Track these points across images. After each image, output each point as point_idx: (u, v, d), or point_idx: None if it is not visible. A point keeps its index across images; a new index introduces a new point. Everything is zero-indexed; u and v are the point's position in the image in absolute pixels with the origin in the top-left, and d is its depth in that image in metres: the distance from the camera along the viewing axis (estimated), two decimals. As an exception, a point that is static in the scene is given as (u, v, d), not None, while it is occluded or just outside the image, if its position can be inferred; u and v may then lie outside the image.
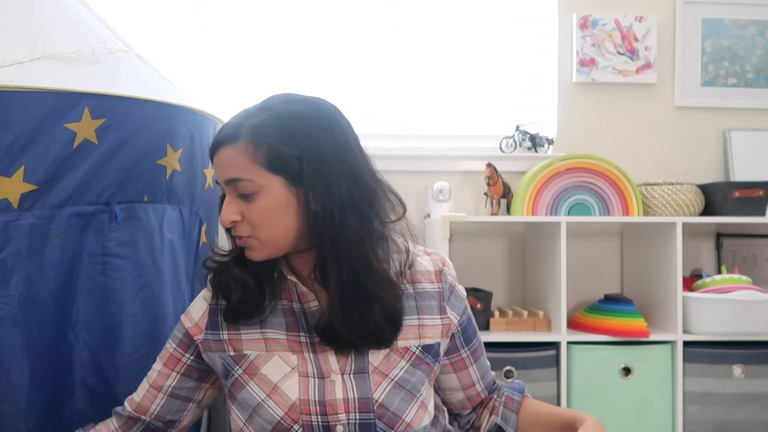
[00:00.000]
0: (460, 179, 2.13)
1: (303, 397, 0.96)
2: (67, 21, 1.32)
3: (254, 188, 0.94)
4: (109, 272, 1.19)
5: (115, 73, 1.28)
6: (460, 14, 2.19)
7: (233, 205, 0.96)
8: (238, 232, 0.97)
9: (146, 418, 1.09)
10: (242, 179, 0.94)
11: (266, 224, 0.95)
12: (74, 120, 1.14)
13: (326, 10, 2.15)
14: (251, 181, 0.93)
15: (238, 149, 0.94)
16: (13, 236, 1.11)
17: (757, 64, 2.22)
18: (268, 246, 0.97)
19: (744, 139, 2.20)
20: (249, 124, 0.94)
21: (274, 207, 0.94)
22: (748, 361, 1.80)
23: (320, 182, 0.93)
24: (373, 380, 0.96)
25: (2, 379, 1.11)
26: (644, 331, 1.81)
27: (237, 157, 0.94)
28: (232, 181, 0.95)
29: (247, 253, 0.98)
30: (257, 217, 0.95)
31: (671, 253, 1.83)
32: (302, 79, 2.10)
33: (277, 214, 0.95)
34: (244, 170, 0.94)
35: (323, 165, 0.93)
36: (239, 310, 1.02)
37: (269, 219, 0.95)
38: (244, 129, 0.94)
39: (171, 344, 1.10)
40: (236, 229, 0.97)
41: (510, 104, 2.21)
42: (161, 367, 1.10)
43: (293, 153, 0.93)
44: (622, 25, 2.16)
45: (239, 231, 0.97)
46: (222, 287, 1.04)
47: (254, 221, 0.95)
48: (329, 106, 0.99)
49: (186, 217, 1.38)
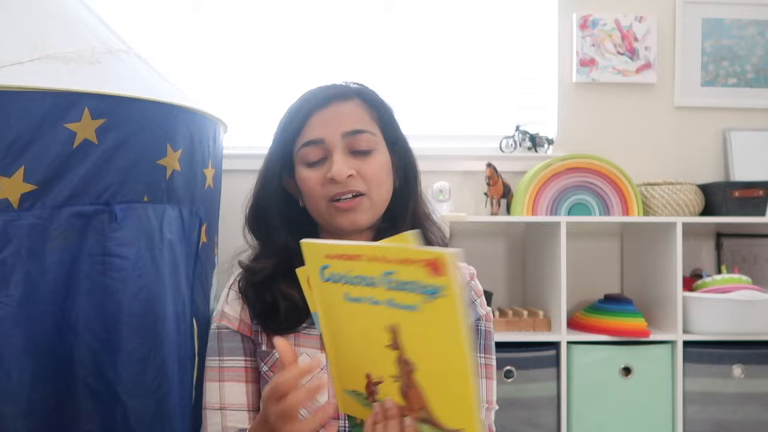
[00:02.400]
0: (460, 179, 2.13)
1: (332, 400, 0.91)
2: (67, 21, 1.32)
3: (374, 143, 0.95)
4: (109, 272, 1.19)
5: (115, 73, 1.28)
6: (460, 14, 2.19)
7: (348, 160, 0.94)
8: (354, 186, 0.93)
9: None
10: (366, 131, 0.95)
11: (380, 182, 0.96)
12: (74, 120, 1.14)
13: (326, 9, 2.15)
14: (374, 134, 0.96)
15: (356, 104, 0.96)
16: (13, 236, 1.11)
17: (757, 64, 2.22)
18: (375, 209, 0.97)
19: (744, 139, 2.20)
20: (355, 88, 0.98)
21: (385, 166, 0.97)
22: (748, 361, 1.80)
23: (403, 161, 1.00)
24: None
25: (2, 379, 1.11)
26: (644, 331, 1.81)
27: (357, 111, 0.96)
28: (354, 132, 0.94)
29: (353, 216, 0.94)
30: (374, 174, 0.94)
31: (671, 253, 1.83)
32: (302, 78, 2.10)
33: (387, 175, 0.97)
34: (366, 124, 0.96)
35: (405, 147, 1.01)
36: (283, 324, 0.96)
37: (383, 178, 0.96)
38: (352, 91, 0.97)
39: (237, 359, 0.99)
40: (350, 184, 0.93)
41: (510, 104, 2.21)
42: (244, 386, 0.99)
43: (395, 123, 0.99)
44: (622, 25, 2.16)
45: (355, 186, 0.93)
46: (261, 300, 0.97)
47: (371, 178, 0.94)
48: None
49: (186, 217, 1.38)
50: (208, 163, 1.46)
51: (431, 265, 0.65)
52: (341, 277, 0.74)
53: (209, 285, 1.52)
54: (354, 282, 0.73)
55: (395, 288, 0.69)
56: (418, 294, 0.67)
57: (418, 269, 0.66)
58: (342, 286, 0.75)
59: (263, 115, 2.06)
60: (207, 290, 1.50)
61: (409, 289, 0.68)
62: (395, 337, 0.72)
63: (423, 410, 0.73)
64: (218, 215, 1.61)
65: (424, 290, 0.66)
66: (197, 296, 1.44)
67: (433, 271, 0.65)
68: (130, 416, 1.21)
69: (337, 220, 0.96)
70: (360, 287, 0.73)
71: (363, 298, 0.73)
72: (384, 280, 0.70)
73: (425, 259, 0.65)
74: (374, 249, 0.71)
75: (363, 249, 0.72)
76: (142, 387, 1.23)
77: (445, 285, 0.64)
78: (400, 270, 0.68)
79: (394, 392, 0.74)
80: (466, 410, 0.69)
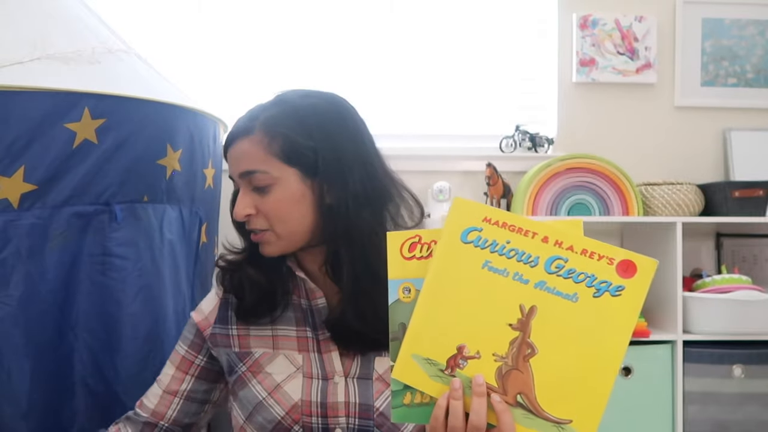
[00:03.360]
0: (460, 179, 2.13)
1: (305, 398, 0.95)
2: (67, 21, 1.32)
3: (269, 180, 0.93)
4: (109, 272, 1.19)
5: (115, 73, 1.28)
6: (460, 14, 2.19)
7: (247, 199, 0.95)
8: (254, 225, 0.96)
9: (164, 423, 1.07)
10: (257, 171, 0.93)
11: (282, 217, 0.94)
12: (74, 120, 1.14)
13: (326, 9, 2.15)
14: (266, 173, 0.93)
15: (253, 141, 0.94)
16: (13, 236, 1.11)
17: (757, 64, 2.22)
18: (284, 240, 0.96)
19: (744, 139, 2.20)
20: (264, 116, 0.95)
21: (289, 199, 0.94)
22: (748, 361, 1.80)
23: (335, 175, 0.93)
24: (376, 387, 0.95)
25: (2, 379, 1.11)
26: (644, 330, 1.81)
27: (251, 149, 0.94)
28: (246, 174, 0.94)
29: (262, 249, 0.97)
30: (273, 210, 0.94)
31: (671, 253, 1.83)
32: (302, 78, 2.10)
33: (292, 207, 0.94)
34: (259, 162, 0.93)
35: (338, 157, 0.94)
36: (252, 310, 1.01)
37: (285, 212, 0.94)
38: (258, 121, 0.94)
39: (182, 346, 1.09)
40: (251, 222, 0.96)
41: (510, 104, 2.20)
42: (174, 371, 1.08)
43: (308, 144, 0.93)
44: (622, 25, 2.16)
45: (255, 224, 0.96)
46: (235, 287, 1.03)
47: (270, 214, 0.94)
48: (343, 101, 1.00)
49: (186, 217, 1.38)
50: (208, 163, 1.46)
51: (623, 265, 0.70)
52: (491, 245, 0.75)
53: (209, 285, 1.52)
54: (505, 253, 0.74)
55: (556, 273, 0.72)
56: (587, 286, 0.71)
57: (603, 265, 0.70)
58: (486, 253, 0.75)
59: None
60: (207, 290, 1.50)
61: (577, 279, 0.71)
62: (527, 318, 0.73)
63: (522, 395, 0.73)
64: (218, 215, 1.61)
65: (600, 285, 0.70)
66: (197, 296, 1.44)
67: (623, 271, 0.70)
68: (130, 416, 1.21)
69: None
70: (510, 260, 0.74)
71: (506, 271, 0.74)
72: (547, 262, 0.72)
73: (620, 259, 0.70)
74: (549, 229, 0.73)
75: (533, 225, 0.74)
76: (142, 387, 1.22)
77: (629, 286, 0.69)
78: (571, 258, 0.71)
79: (488, 371, 0.75)
80: (592, 406, 0.72)
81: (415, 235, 0.79)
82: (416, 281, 0.78)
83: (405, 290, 0.79)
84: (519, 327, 0.74)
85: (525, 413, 0.73)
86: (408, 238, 0.79)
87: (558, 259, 0.72)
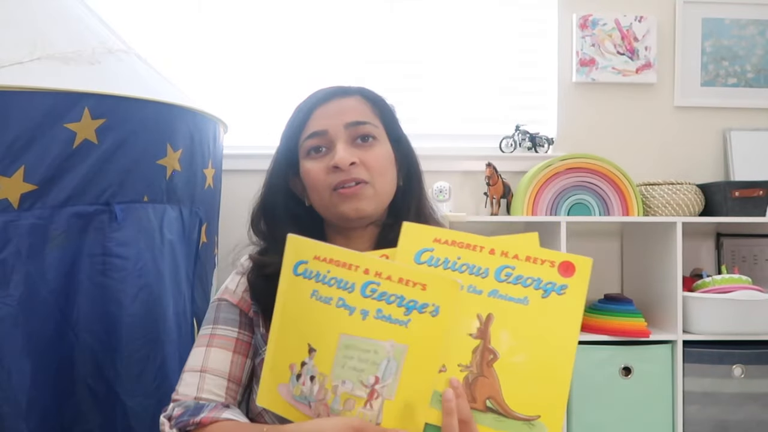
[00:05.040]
0: (460, 179, 2.13)
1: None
2: (67, 21, 1.32)
3: (376, 133, 0.98)
4: (109, 272, 1.19)
5: (115, 73, 1.28)
6: (460, 14, 2.19)
7: (351, 149, 0.96)
8: (357, 174, 0.95)
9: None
10: (368, 123, 0.98)
11: (383, 172, 0.97)
12: (74, 120, 1.14)
13: (326, 9, 2.15)
14: (375, 126, 0.98)
15: (357, 100, 0.99)
16: (13, 236, 1.11)
17: (757, 64, 2.22)
18: (378, 198, 0.97)
19: (744, 139, 2.20)
20: (357, 87, 1.01)
21: (387, 158, 0.99)
22: (748, 361, 1.80)
23: (406, 159, 1.03)
24: None
25: (3, 379, 1.11)
26: (644, 331, 1.81)
27: (359, 105, 0.99)
28: (356, 123, 0.97)
29: (356, 204, 0.95)
30: (376, 163, 0.96)
31: (671, 253, 1.83)
32: (302, 78, 2.10)
33: (389, 166, 0.99)
34: (368, 116, 0.99)
35: (407, 146, 1.04)
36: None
37: (385, 168, 0.98)
38: (353, 90, 1.00)
39: (230, 329, 0.99)
40: (353, 171, 0.95)
41: (510, 104, 2.20)
42: (231, 355, 0.98)
43: (397, 122, 1.02)
44: (622, 25, 2.16)
45: (358, 173, 0.95)
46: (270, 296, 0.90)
47: (374, 166, 0.96)
48: None
49: (186, 217, 1.38)
50: (208, 163, 1.46)
51: (563, 266, 0.77)
52: (443, 262, 0.80)
53: (209, 285, 1.52)
54: (457, 269, 0.79)
55: (506, 281, 0.77)
56: (534, 289, 0.76)
57: (546, 268, 0.77)
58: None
59: (263, 115, 2.06)
60: (207, 290, 1.50)
61: (525, 283, 0.77)
62: (485, 325, 0.77)
63: (491, 399, 0.76)
64: (218, 215, 1.61)
65: (546, 287, 0.77)
66: (197, 296, 1.44)
67: (564, 271, 0.77)
68: (130, 416, 1.21)
69: (340, 208, 0.97)
70: (462, 274, 0.79)
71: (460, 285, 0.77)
72: (496, 272, 0.78)
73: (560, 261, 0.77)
74: (495, 243, 0.79)
75: (480, 240, 0.80)
76: (142, 387, 1.23)
77: (571, 284, 0.76)
78: (518, 266, 0.77)
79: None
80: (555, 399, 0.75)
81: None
82: None
83: None
84: (479, 335, 0.77)
85: (496, 417, 0.76)
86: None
87: (506, 267, 0.78)
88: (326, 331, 0.77)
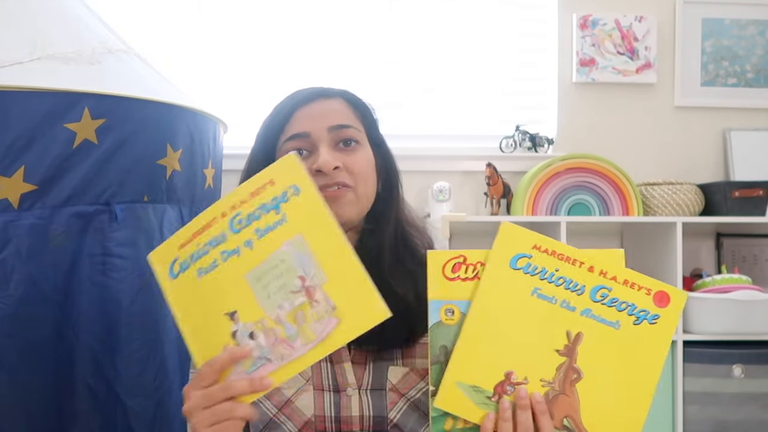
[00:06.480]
0: (460, 179, 2.13)
1: (318, 413, 0.91)
2: (67, 21, 1.32)
3: (359, 137, 0.95)
4: (109, 272, 1.20)
5: (115, 73, 1.28)
6: (460, 14, 2.19)
7: (334, 153, 0.93)
8: (341, 178, 0.92)
9: None
10: (351, 126, 0.95)
11: (366, 177, 0.95)
12: (74, 120, 1.14)
13: (325, 9, 2.15)
14: (358, 130, 0.96)
15: (339, 102, 0.96)
16: (13, 236, 1.11)
17: (757, 64, 2.22)
18: (361, 203, 0.95)
19: (744, 139, 2.20)
20: (339, 89, 0.98)
21: (369, 162, 0.96)
22: (748, 361, 1.80)
23: (386, 164, 0.99)
24: (389, 398, 0.92)
25: (2, 379, 1.11)
26: (644, 331, 1.81)
27: (341, 107, 0.96)
28: (339, 127, 0.94)
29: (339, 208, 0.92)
30: (360, 168, 0.94)
31: (671, 253, 1.83)
32: (302, 78, 2.10)
33: (371, 171, 0.96)
34: (351, 119, 0.96)
35: (387, 151, 1.01)
36: None
37: (368, 173, 0.95)
38: (335, 92, 0.97)
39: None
40: (336, 176, 0.92)
41: (510, 104, 2.20)
42: None
43: (377, 127, 1.00)
44: (622, 25, 2.16)
45: (342, 178, 0.93)
46: None
47: (357, 171, 0.93)
48: None
49: (186, 217, 1.38)
50: (208, 163, 1.46)
51: (659, 295, 0.77)
52: (540, 272, 0.78)
53: (209, 285, 1.52)
54: (554, 281, 0.77)
55: (601, 302, 0.77)
56: (628, 314, 0.77)
57: (642, 295, 0.77)
58: (535, 280, 0.78)
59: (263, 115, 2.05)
60: (207, 290, 1.50)
61: (619, 307, 0.77)
62: (573, 344, 0.76)
63: (569, 419, 0.76)
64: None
65: (640, 314, 0.77)
66: (197, 296, 1.44)
67: (659, 301, 0.77)
68: (130, 416, 1.21)
69: None
70: (558, 288, 0.77)
71: (554, 298, 0.77)
72: (592, 291, 0.77)
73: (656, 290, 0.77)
74: (592, 259, 0.78)
75: (580, 255, 0.78)
76: (142, 387, 1.23)
77: (664, 315, 0.76)
78: (615, 288, 0.77)
79: None
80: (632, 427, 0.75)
81: (459, 255, 0.79)
82: (460, 303, 0.79)
83: (448, 312, 0.79)
84: (566, 353, 0.76)
85: None
86: (451, 257, 0.79)
87: (603, 288, 0.77)
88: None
